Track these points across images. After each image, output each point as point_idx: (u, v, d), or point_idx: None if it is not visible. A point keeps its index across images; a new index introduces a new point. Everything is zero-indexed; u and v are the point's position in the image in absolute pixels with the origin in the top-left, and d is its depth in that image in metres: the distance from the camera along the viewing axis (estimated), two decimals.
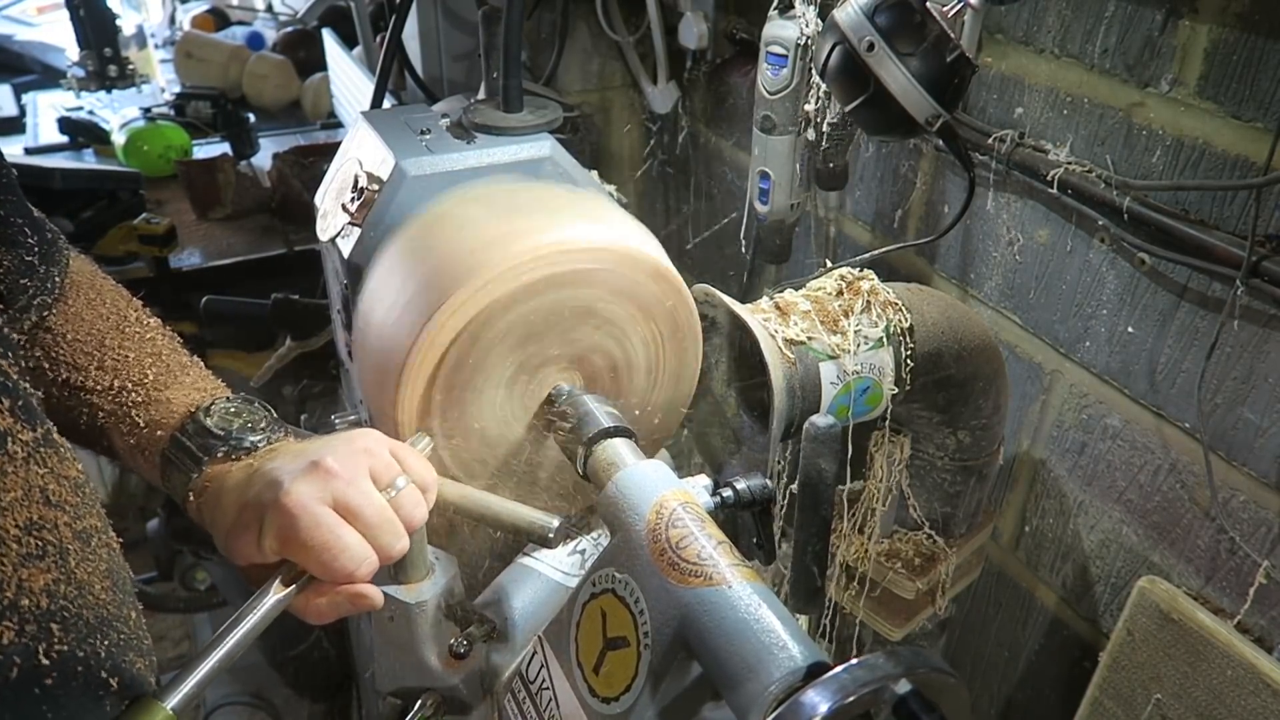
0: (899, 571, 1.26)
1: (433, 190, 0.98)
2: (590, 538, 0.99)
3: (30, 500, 0.54)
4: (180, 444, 0.74)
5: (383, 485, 0.71)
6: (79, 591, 0.56)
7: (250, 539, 0.68)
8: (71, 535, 0.57)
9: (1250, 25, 0.94)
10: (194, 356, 0.84)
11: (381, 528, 0.69)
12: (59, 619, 0.53)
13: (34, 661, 0.52)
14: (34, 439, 0.56)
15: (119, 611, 0.60)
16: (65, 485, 0.58)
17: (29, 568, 0.52)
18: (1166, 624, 1.09)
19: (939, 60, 0.94)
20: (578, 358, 0.94)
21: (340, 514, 0.68)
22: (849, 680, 0.56)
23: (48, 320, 0.79)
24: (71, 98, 2.85)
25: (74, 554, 0.56)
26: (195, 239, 2.24)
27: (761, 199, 1.48)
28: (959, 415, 1.18)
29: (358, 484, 0.69)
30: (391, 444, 0.75)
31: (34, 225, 0.75)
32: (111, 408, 0.76)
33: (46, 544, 0.54)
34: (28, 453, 0.55)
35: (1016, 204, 1.26)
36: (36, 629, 0.52)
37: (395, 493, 0.72)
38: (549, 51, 2.06)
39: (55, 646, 0.53)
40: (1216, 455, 1.08)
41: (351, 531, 0.68)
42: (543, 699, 0.81)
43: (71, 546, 0.56)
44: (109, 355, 0.78)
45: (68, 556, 0.56)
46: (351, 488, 0.68)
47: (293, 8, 3.51)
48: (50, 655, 0.53)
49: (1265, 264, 0.94)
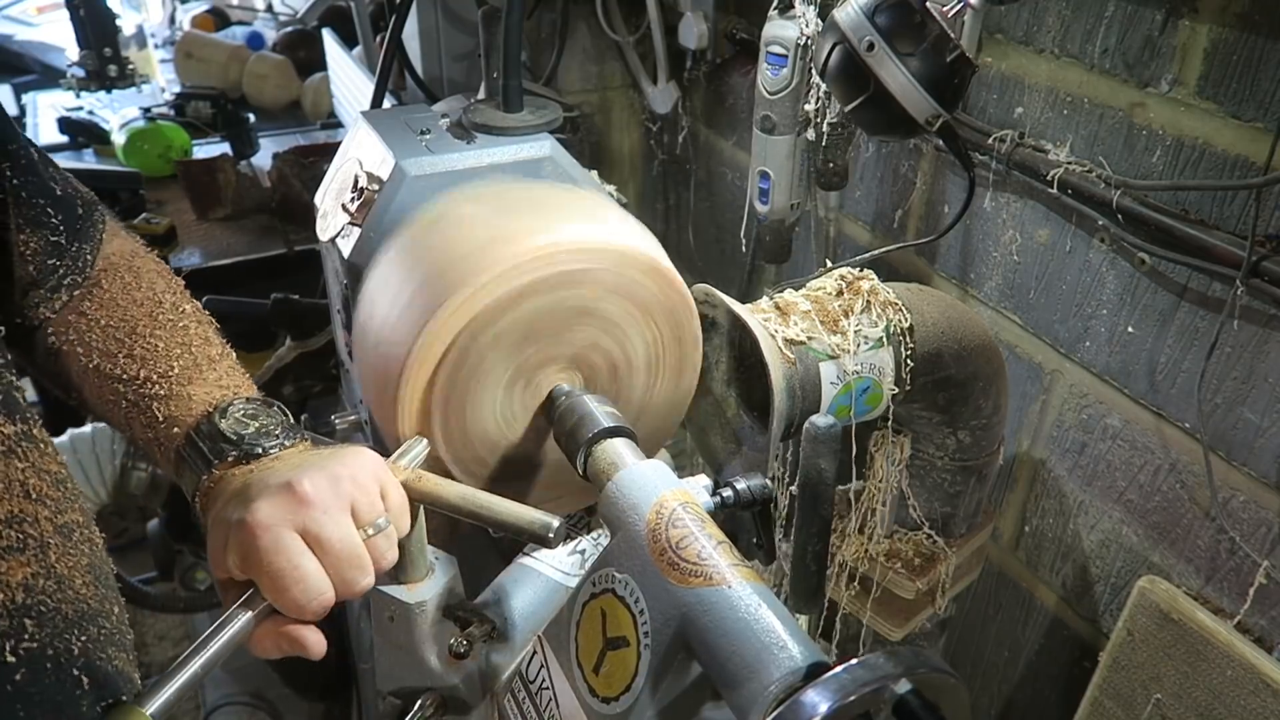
0: (899, 571, 1.26)
1: (433, 190, 0.98)
2: (590, 538, 0.99)
3: (10, 494, 0.54)
4: (194, 444, 0.73)
5: (362, 522, 0.68)
6: (58, 586, 0.55)
7: (220, 552, 0.66)
8: (53, 529, 0.57)
9: (1250, 25, 0.94)
10: (226, 347, 0.82)
11: (349, 563, 0.66)
12: (34, 614, 0.53)
13: (1, 659, 0.51)
14: (15, 433, 0.56)
15: (100, 607, 0.60)
16: (46, 480, 0.58)
17: (8, 560, 0.52)
18: (1166, 624, 1.09)
19: (939, 60, 0.94)
20: (577, 357, 0.94)
21: (307, 542, 0.64)
22: (849, 680, 0.56)
23: (82, 304, 0.78)
24: (71, 98, 2.85)
25: (55, 548, 0.56)
26: (195, 239, 2.24)
27: (761, 199, 1.48)
28: (959, 415, 1.18)
29: (331, 514, 0.65)
30: (383, 476, 0.72)
31: (58, 204, 0.74)
32: (135, 398, 0.75)
33: (27, 537, 0.54)
34: (8, 447, 0.55)
35: (1016, 204, 1.26)
36: (9, 624, 0.51)
37: (374, 533, 0.68)
38: (549, 51, 2.06)
39: (24, 644, 0.52)
40: (1216, 455, 1.08)
41: (313, 562, 0.64)
42: (542, 699, 0.81)
43: (53, 541, 0.56)
44: (139, 344, 0.77)
45: (48, 550, 0.55)
46: (325, 516, 0.65)
47: (293, 8, 3.51)
48: (18, 652, 0.52)
49: (1265, 264, 0.94)
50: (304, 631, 0.66)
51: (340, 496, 0.67)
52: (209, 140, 2.65)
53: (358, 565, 0.67)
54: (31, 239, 0.72)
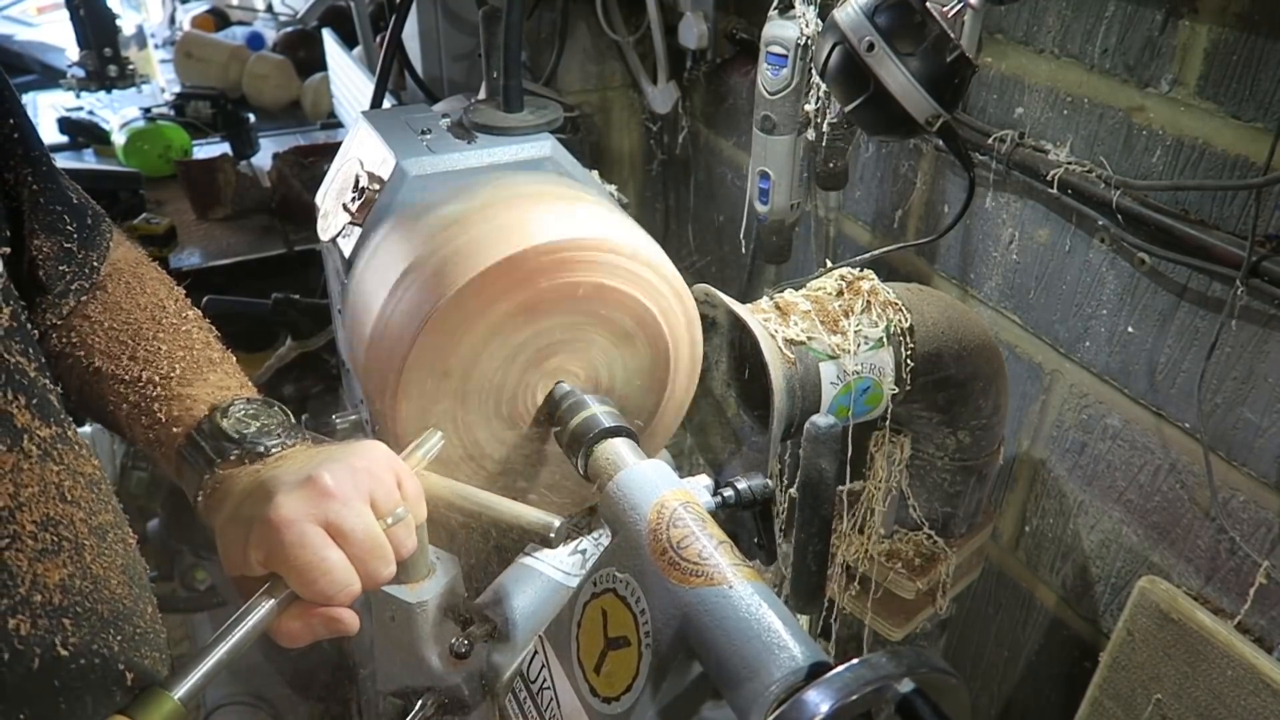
0: (899, 571, 1.26)
1: (433, 190, 0.98)
2: (591, 538, 0.99)
3: (46, 496, 0.54)
4: (195, 443, 0.73)
5: (382, 513, 0.68)
6: (94, 586, 0.56)
7: (240, 549, 0.66)
8: (87, 531, 0.57)
9: (1250, 25, 0.94)
10: (226, 352, 0.83)
11: (372, 553, 0.67)
12: (71, 614, 0.54)
13: (54, 654, 0.52)
14: (50, 435, 0.57)
15: (134, 606, 0.61)
16: (80, 481, 0.58)
17: (45, 562, 0.53)
18: (1166, 624, 1.09)
19: (939, 60, 0.94)
20: (577, 357, 0.94)
21: (330, 534, 0.65)
22: (851, 679, 0.56)
23: (86, 307, 0.79)
24: (71, 98, 2.85)
25: (90, 549, 0.57)
26: (195, 239, 2.24)
27: (761, 199, 1.48)
28: (959, 415, 1.18)
29: (353, 505, 0.66)
30: (397, 467, 0.73)
31: (73, 211, 0.75)
32: (136, 399, 0.76)
33: (62, 539, 0.55)
34: (44, 449, 0.55)
35: (1016, 204, 1.26)
36: (50, 624, 0.52)
37: (393, 522, 0.69)
38: (549, 51, 2.06)
39: (70, 640, 0.53)
40: (1216, 455, 1.08)
41: (338, 553, 0.65)
42: (544, 699, 0.81)
43: (87, 542, 0.57)
44: (142, 346, 0.77)
45: (83, 552, 0.56)
46: (346, 509, 0.66)
47: (293, 8, 3.51)
48: (68, 647, 0.53)
49: (1265, 264, 0.94)
50: (338, 611, 0.67)
51: (359, 488, 0.67)
52: (209, 140, 2.64)
53: (380, 555, 0.68)
54: (45, 244, 0.72)
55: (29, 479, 0.53)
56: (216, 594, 2.18)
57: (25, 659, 0.51)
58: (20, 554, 0.51)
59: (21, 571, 0.51)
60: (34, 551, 0.52)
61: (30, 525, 0.52)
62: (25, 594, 0.51)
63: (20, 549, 0.51)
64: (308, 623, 0.67)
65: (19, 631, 0.50)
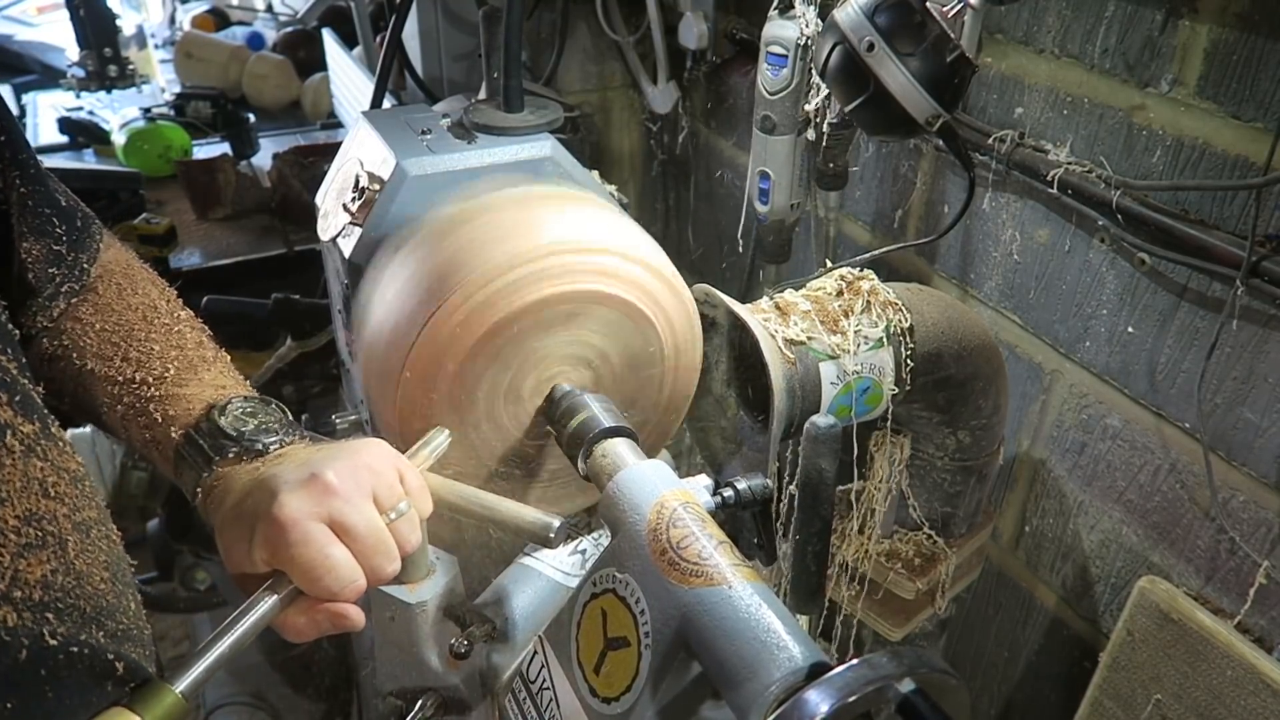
0: (899, 571, 1.26)
1: (434, 190, 0.98)
2: (591, 538, 0.99)
3: (29, 492, 0.54)
4: (193, 442, 0.73)
5: (385, 508, 0.69)
6: (77, 582, 0.56)
7: (243, 547, 0.67)
8: (71, 526, 0.57)
9: (1250, 25, 0.94)
10: (220, 351, 0.83)
11: (376, 549, 0.67)
12: (54, 609, 0.54)
13: (42, 644, 0.52)
14: (33, 432, 0.57)
15: (118, 602, 0.60)
16: (64, 478, 0.58)
17: (27, 558, 0.53)
18: (1166, 624, 1.09)
19: (939, 60, 0.94)
20: (577, 357, 0.94)
21: (334, 531, 0.65)
22: (851, 679, 0.56)
23: (78, 310, 0.79)
24: (71, 98, 2.85)
25: (73, 545, 0.57)
26: (195, 239, 2.24)
27: (761, 199, 1.48)
28: (959, 415, 1.18)
29: (355, 502, 0.66)
30: (399, 462, 0.73)
31: (62, 214, 0.75)
32: (131, 400, 0.76)
33: (46, 534, 0.55)
34: (27, 445, 0.56)
35: (1016, 204, 1.26)
36: (32, 618, 0.52)
37: (396, 517, 0.69)
38: (549, 51, 2.06)
39: (58, 631, 0.54)
40: (1216, 455, 1.08)
41: (342, 550, 0.65)
42: (543, 699, 0.81)
43: (71, 538, 0.57)
44: (134, 347, 0.77)
45: (66, 547, 0.56)
46: (349, 505, 0.66)
47: (293, 8, 3.50)
48: (56, 637, 0.53)
49: (1265, 264, 0.94)
50: (343, 607, 0.67)
51: (361, 485, 0.68)
52: (209, 140, 2.64)
53: (384, 551, 0.68)
54: (34, 247, 0.72)
55: (11, 474, 0.53)
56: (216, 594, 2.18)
57: (13, 649, 0.51)
58: (2, 549, 0.51)
59: (3, 566, 0.51)
60: (16, 546, 0.52)
61: (13, 520, 0.52)
62: (5, 589, 0.51)
63: (2, 544, 0.51)
64: (313, 618, 0.67)
65: (5, 623, 0.50)
